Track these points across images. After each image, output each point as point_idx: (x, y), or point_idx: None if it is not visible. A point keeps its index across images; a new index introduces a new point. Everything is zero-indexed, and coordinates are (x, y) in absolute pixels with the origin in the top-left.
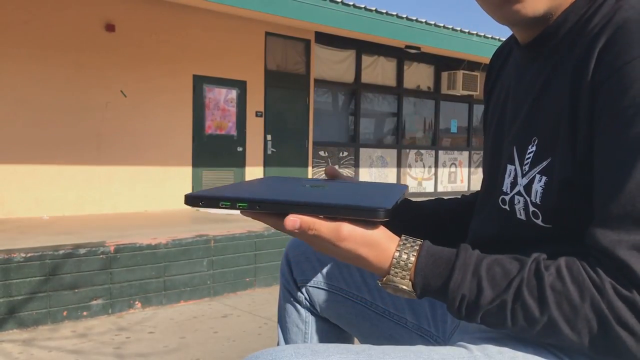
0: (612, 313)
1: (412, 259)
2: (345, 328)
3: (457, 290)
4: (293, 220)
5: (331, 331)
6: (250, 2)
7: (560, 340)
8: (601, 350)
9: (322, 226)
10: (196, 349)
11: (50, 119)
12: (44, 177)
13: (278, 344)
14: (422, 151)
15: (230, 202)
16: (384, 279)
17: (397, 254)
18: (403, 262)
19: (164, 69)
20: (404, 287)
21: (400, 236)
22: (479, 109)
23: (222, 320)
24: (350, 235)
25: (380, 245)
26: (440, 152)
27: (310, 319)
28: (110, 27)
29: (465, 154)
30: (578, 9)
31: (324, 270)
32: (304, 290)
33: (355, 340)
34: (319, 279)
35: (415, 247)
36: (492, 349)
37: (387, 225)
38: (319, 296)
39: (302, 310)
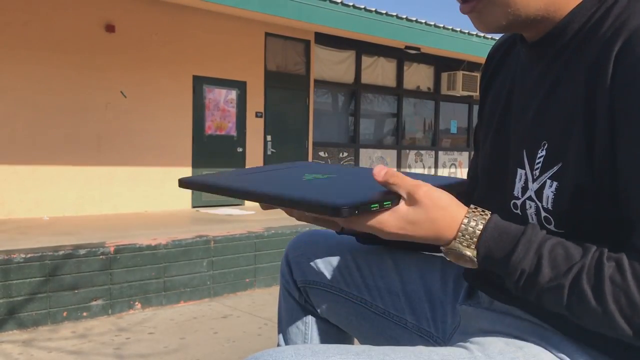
0: None
1: (480, 227)
2: (345, 329)
3: (517, 264)
4: (380, 168)
5: (331, 332)
6: (250, 2)
7: (619, 335)
8: None
9: (404, 180)
10: (196, 349)
11: (50, 119)
12: (44, 178)
13: (278, 345)
14: (422, 152)
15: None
16: (449, 244)
17: (465, 220)
18: (471, 229)
19: (164, 70)
20: (468, 253)
21: (468, 205)
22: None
23: (222, 321)
24: (425, 194)
25: (450, 209)
26: (440, 153)
27: (310, 320)
28: (110, 28)
29: (465, 154)
30: (585, 9)
31: (324, 271)
32: (304, 291)
33: (355, 341)
34: (319, 280)
35: (484, 216)
36: (492, 349)
37: None
38: (319, 297)
39: (302, 311)
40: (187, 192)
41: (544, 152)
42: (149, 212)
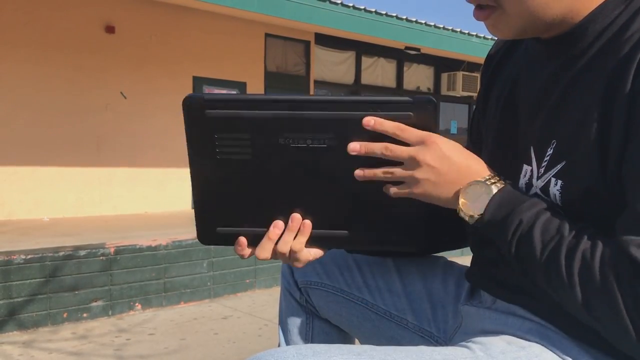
0: (623, 298)
1: (500, 186)
2: (346, 329)
3: (520, 213)
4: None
5: (332, 332)
6: (250, 3)
7: (574, 308)
8: (602, 325)
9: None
10: (196, 350)
11: (50, 120)
12: (43, 179)
13: (279, 346)
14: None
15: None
16: (473, 182)
17: (487, 175)
18: (496, 179)
19: (164, 71)
20: (492, 188)
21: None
22: None
23: (222, 322)
24: (442, 139)
25: (477, 161)
26: None
27: (311, 320)
28: (110, 29)
29: None
30: (608, 10)
31: (325, 272)
32: (304, 291)
33: (356, 341)
34: (320, 281)
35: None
36: (494, 349)
37: None
38: (320, 297)
39: (303, 312)
40: (188, 193)
41: (551, 151)
42: (149, 213)
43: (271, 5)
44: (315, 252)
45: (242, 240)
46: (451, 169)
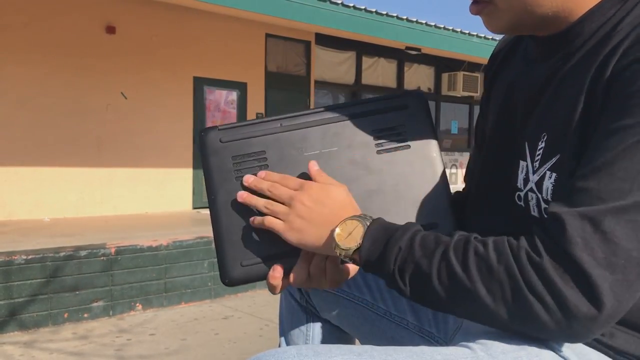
0: (523, 277)
1: (367, 222)
2: (346, 329)
3: (396, 242)
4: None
5: (332, 333)
6: (251, 3)
7: (480, 309)
8: (518, 322)
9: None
10: (197, 350)
11: (51, 121)
12: (44, 179)
13: (280, 346)
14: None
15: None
16: (350, 217)
17: (358, 214)
18: (369, 217)
19: (165, 71)
20: (361, 226)
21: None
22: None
23: (223, 322)
24: (319, 186)
25: (352, 205)
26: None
27: (312, 321)
28: (110, 29)
29: (466, 155)
30: (605, 9)
31: None
32: (305, 292)
33: (357, 342)
34: None
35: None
36: (495, 348)
37: None
38: (320, 298)
39: (304, 312)
40: (188, 194)
41: (543, 144)
42: (150, 213)
43: (272, 6)
44: (354, 268)
45: (278, 268)
46: (324, 211)
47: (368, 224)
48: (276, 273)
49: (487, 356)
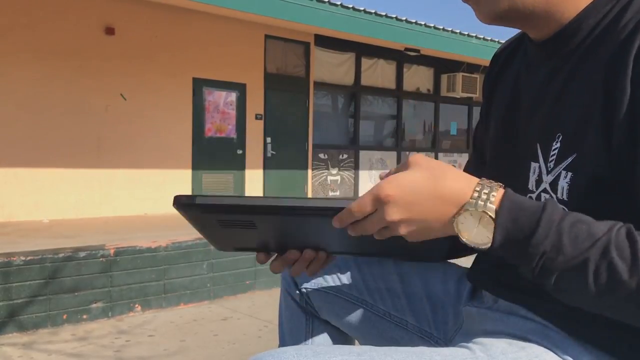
0: None
1: (493, 202)
2: (346, 330)
3: (538, 245)
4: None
5: (332, 333)
6: (250, 5)
7: None
8: None
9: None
10: (196, 352)
11: (51, 122)
12: (44, 181)
13: (279, 347)
14: (422, 153)
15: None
16: (462, 210)
17: (475, 194)
18: (485, 193)
19: (164, 72)
20: (485, 236)
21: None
22: (478, 111)
23: (222, 323)
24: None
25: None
26: (440, 155)
27: (311, 322)
28: (110, 31)
29: (465, 156)
30: (600, 6)
31: (325, 273)
32: (304, 292)
33: (356, 342)
34: (319, 282)
35: (495, 187)
36: (495, 349)
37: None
38: (320, 299)
39: (303, 313)
40: (188, 194)
41: (558, 144)
42: (149, 214)
43: (271, 7)
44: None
45: (260, 256)
46: (422, 208)
47: (491, 214)
48: (261, 257)
49: (487, 357)
